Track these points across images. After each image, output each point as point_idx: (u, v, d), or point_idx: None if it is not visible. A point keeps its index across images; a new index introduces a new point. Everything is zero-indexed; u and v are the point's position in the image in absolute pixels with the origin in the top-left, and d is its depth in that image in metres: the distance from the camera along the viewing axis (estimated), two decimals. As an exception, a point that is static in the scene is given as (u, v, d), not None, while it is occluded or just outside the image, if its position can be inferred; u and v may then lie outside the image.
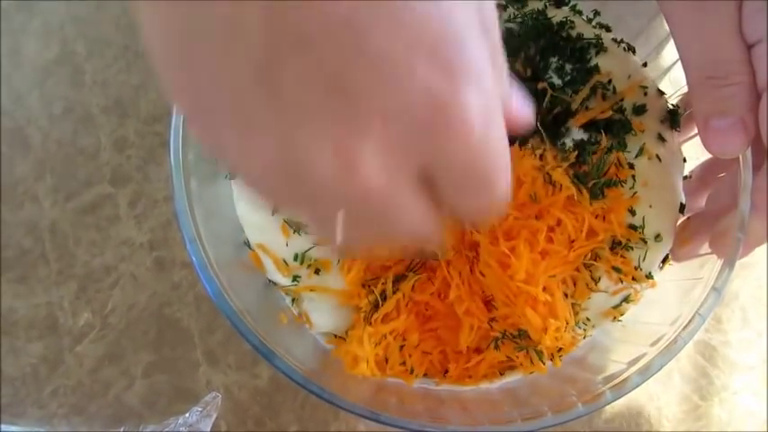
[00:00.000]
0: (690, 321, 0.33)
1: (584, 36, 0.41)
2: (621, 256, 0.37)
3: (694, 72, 0.32)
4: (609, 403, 0.32)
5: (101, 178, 0.49)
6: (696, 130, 0.33)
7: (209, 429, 0.43)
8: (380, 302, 0.36)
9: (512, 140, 0.26)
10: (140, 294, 0.47)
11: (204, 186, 0.36)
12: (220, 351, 0.46)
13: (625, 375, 0.33)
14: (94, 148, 0.50)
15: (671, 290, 0.37)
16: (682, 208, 0.39)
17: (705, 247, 0.35)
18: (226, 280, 0.34)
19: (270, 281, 0.39)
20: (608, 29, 0.43)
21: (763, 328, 0.47)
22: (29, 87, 0.51)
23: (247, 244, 0.40)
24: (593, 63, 0.41)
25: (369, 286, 0.37)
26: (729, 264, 0.33)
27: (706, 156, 0.37)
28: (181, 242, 0.47)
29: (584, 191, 0.36)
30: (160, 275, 0.47)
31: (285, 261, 0.39)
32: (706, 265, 0.35)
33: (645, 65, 0.42)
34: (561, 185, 0.36)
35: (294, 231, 0.38)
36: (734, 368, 0.46)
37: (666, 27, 0.33)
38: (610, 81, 0.40)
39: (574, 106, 0.39)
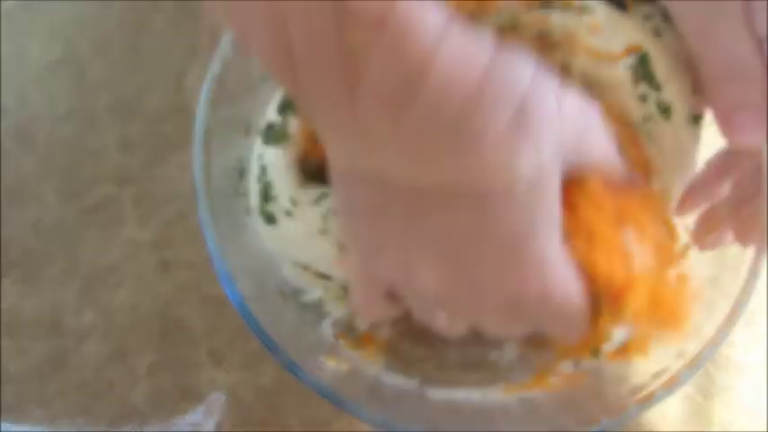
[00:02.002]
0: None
1: None
2: None
3: (710, 73, 0.32)
4: (632, 417, 0.32)
5: (105, 178, 0.49)
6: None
7: (212, 429, 0.43)
8: None
9: None
10: (145, 294, 0.47)
11: (232, 221, 0.37)
12: (225, 350, 0.46)
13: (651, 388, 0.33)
14: (99, 148, 0.49)
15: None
16: None
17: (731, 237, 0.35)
18: (264, 314, 0.35)
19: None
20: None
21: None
22: (33, 87, 0.50)
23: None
24: None
25: None
26: (760, 254, 0.33)
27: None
28: (186, 243, 0.47)
29: None
30: (165, 275, 0.47)
31: None
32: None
33: None
34: None
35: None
36: (737, 368, 0.46)
37: None
38: None
39: None
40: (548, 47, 0.34)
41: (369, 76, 0.23)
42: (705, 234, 0.37)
